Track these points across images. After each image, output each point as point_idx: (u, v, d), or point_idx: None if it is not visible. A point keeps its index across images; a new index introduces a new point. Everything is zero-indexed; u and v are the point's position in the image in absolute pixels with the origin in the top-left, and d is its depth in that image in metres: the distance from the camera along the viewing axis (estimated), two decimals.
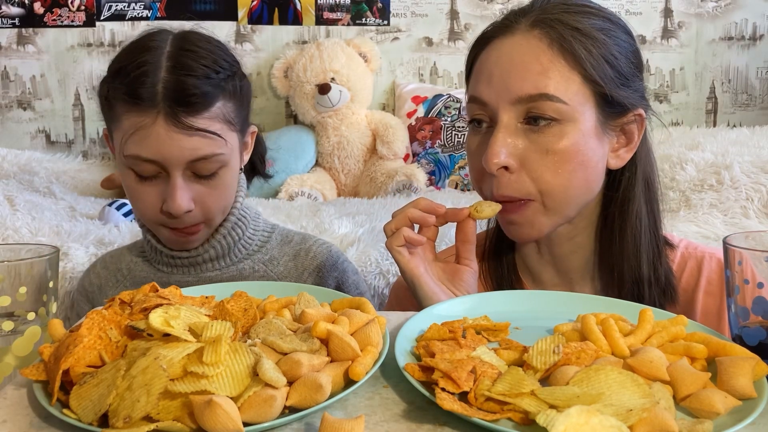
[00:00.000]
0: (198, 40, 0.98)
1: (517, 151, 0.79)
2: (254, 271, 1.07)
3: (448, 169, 2.65)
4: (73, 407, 0.49)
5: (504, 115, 0.79)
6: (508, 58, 0.80)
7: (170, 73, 0.92)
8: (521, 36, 0.80)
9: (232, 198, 1.02)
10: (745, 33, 2.97)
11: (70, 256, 1.52)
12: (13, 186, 2.14)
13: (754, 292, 0.58)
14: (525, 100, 0.78)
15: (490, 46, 0.83)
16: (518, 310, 0.71)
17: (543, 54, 0.78)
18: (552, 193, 0.80)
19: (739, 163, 1.93)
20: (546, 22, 0.80)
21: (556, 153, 0.78)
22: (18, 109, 2.84)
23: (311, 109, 2.61)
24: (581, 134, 0.79)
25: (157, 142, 0.91)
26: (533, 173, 0.79)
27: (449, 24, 2.89)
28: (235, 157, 0.99)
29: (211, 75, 0.94)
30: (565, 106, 0.78)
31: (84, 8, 2.78)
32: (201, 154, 0.92)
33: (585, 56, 0.78)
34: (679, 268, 0.90)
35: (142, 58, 0.93)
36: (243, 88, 1.00)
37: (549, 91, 0.77)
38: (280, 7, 2.84)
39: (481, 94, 0.81)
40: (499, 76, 0.79)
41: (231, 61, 1.00)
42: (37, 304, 0.67)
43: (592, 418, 0.42)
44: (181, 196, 0.93)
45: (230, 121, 0.96)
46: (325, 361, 0.53)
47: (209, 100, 0.93)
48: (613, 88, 0.80)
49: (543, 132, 0.78)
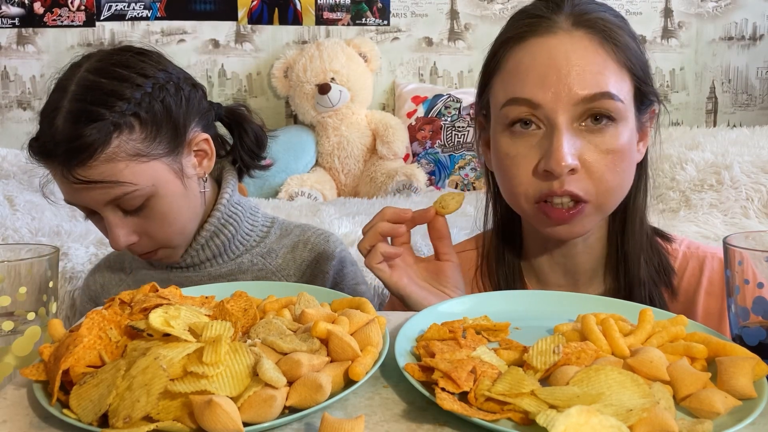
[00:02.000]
0: (106, 68, 0.92)
1: (578, 152, 0.78)
2: (253, 264, 1.06)
3: (448, 169, 2.65)
4: (73, 407, 0.49)
5: (564, 116, 0.77)
6: (564, 57, 0.78)
7: (64, 122, 0.88)
8: (566, 35, 0.79)
9: (183, 219, 0.98)
10: (745, 33, 2.97)
11: (70, 256, 1.52)
12: (13, 186, 2.14)
13: (754, 292, 0.58)
14: (587, 100, 0.77)
15: (527, 45, 0.81)
16: (518, 310, 0.71)
17: (597, 54, 0.78)
18: (610, 193, 0.80)
19: (739, 163, 1.93)
20: (589, 22, 0.80)
21: (615, 152, 0.78)
22: (18, 109, 2.84)
23: (311, 109, 2.61)
24: (631, 132, 0.81)
25: (69, 192, 0.92)
26: (595, 173, 0.78)
27: (449, 24, 2.89)
28: (166, 183, 0.94)
29: (103, 115, 0.88)
30: (622, 104, 0.78)
31: (84, 8, 2.78)
32: (112, 196, 0.90)
33: (629, 56, 0.80)
34: (681, 267, 0.90)
35: (50, 102, 0.91)
36: (165, 105, 0.93)
37: (610, 89, 0.77)
38: (280, 7, 2.85)
39: (534, 96, 0.78)
40: (556, 77, 0.77)
41: (149, 81, 0.92)
42: (37, 304, 0.67)
43: (592, 418, 0.42)
44: (116, 233, 0.92)
45: (139, 153, 0.91)
46: (325, 361, 0.53)
47: (100, 145, 0.87)
48: (647, 86, 0.82)
49: (602, 132, 0.78)
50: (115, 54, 0.95)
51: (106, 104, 0.88)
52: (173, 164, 0.95)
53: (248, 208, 1.08)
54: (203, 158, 1.01)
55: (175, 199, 0.95)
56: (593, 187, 0.79)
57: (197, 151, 0.99)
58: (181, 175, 0.96)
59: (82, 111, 0.88)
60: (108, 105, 0.89)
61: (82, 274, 1.48)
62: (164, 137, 0.93)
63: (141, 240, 0.95)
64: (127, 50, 0.97)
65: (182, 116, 0.96)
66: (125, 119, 0.89)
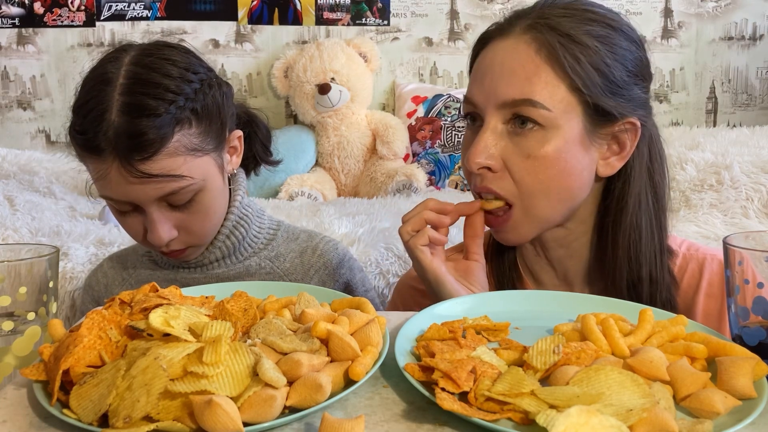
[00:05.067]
0: (155, 63, 0.92)
1: (500, 152, 0.80)
2: (260, 267, 1.06)
3: (448, 169, 2.65)
4: (73, 407, 0.49)
5: (490, 117, 0.80)
6: (500, 61, 0.81)
7: (121, 115, 0.87)
8: (514, 40, 0.81)
9: (219, 215, 1.00)
10: (745, 33, 2.97)
11: (70, 256, 1.52)
12: (13, 186, 2.14)
13: (754, 292, 0.58)
14: (510, 104, 0.79)
15: (487, 47, 0.84)
16: (518, 310, 0.71)
17: (530, 60, 0.79)
18: (531, 197, 0.80)
19: (739, 163, 1.93)
20: (538, 27, 0.79)
21: (537, 158, 0.79)
22: (18, 109, 2.84)
23: (311, 109, 2.61)
24: (564, 141, 0.79)
25: (120, 187, 0.90)
26: (515, 175, 0.80)
27: (449, 24, 2.89)
28: (213, 177, 0.96)
29: (166, 109, 0.88)
30: (548, 112, 0.78)
31: (84, 8, 2.78)
32: (167, 191, 0.90)
33: (571, 64, 0.78)
34: (680, 270, 0.89)
35: (94, 96, 0.90)
36: (214, 100, 0.95)
37: (533, 97, 0.78)
38: (280, 7, 2.85)
39: (473, 95, 0.83)
40: (490, 79, 0.81)
41: (197, 77, 0.94)
42: (37, 304, 0.67)
43: (592, 418, 0.42)
44: (160, 229, 0.92)
45: (195, 147, 0.92)
46: (325, 361, 0.53)
47: (163, 139, 0.88)
48: (601, 97, 0.78)
49: (526, 136, 0.79)
50: (156, 48, 0.96)
51: (164, 98, 0.89)
52: (218, 159, 0.97)
53: (256, 209, 1.09)
54: (233, 154, 1.03)
55: (218, 194, 0.97)
56: (514, 188, 0.80)
57: (230, 148, 1.02)
58: (222, 171, 0.99)
59: (140, 105, 0.88)
60: (167, 99, 0.89)
61: (82, 274, 1.48)
62: (213, 132, 0.95)
63: (180, 235, 0.95)
64: (165, 45, 0.98)
65: (224, 112, 0.98)
66: (185, 114, 0.90)
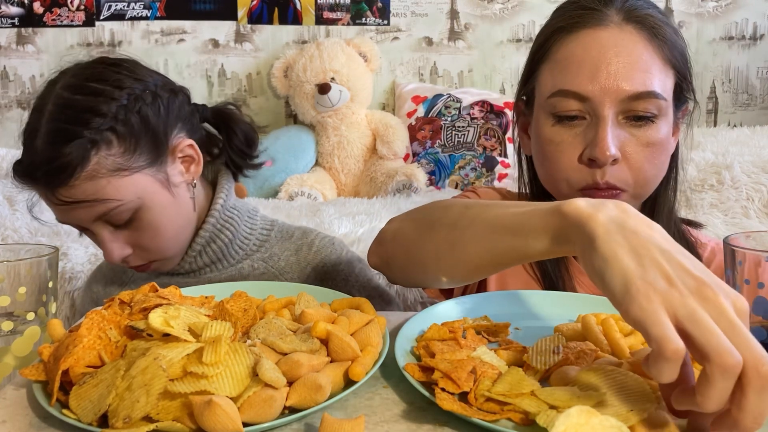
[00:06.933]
0: (82, 85, 0.90)
1: (620, 143, 0.81)
2: (254, 269, 1.05)
3: (448, 169, 2.65)
4: (73, 407, 0.49)
5: (610, 110, 0.80)
6: (614, 52, 0.80)
7: (43, 143, 0.88)
8: (617, 29, 0.81)
9: (176, 229, 0.97)
10: (745, 33, 2.96)
11: (70, 256, 1.52)
12: (13, 186, 2.14)
13: (755, 292, 0.58)
14: (633, 97, 0.80)
15: (578, 36, 0.83)
16: (518, 310, 0.71)
17: (645, 51, 0.81)
18: (647, 183, 0.84)
19: (740, 162, 1.93)
20: (638, 17, 0.82)
21: (656, 144, 0.82)
22: (18, 109, 2.84)
23: (311, 109, 2.61)
24: (669, 127, 0.84)
25: (57, 212, 0.91)
26: (634, 164, 0.82)
27: (449, 24, 2.89)
28: (153, 194, 0.92)
29: (80, 133, 0.86)
30: (665, 102, 0.81)
31: (83, 8, 2.78)
32: (98, 213, 0.89)
33: (675, 52, 0.82)
34: (708, 260, 0.92)
35: (29, 124, 0.91)
36: (143, 116, 0.91)
37: (655, 88, 0.80)
38: (280, 6, 2.84)
39: (583, 89, 0.81)
40: (606, 71, 0.80)
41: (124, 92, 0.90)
42: (36, 304, 0.67)
43: (592, 418, 0.42)
44: (109, 247, 0.92)
45: (119, 167, 0.89)
46: (325, 362, 0.53)
47: (79, 165, 0.86)
48: (686, 81, 0.85)
49: (644, 126, 0.81)
50: (89, 68, 0.94)
51: (81, 122, 0.87)
52: (157, 174, 0.94)
53: (245, 211, 1.06)
54: (190, 164, 0.99)
55: (164, 209, 0.94)
56: (631, 178, 0.82)
57: (183, 158, 0.98)
58: (167, 185, 0.95)
59: (59, 131, 0.87)
60: (84, 122, 0.87)
61: (82, 274, 1.47)
62: (144, 148, 0.92)
63: (135, 252, 0.95)
64: (100, 62, 0.95)
65: (162, 125, 0.94)
66: (102, 135, 0.88)
